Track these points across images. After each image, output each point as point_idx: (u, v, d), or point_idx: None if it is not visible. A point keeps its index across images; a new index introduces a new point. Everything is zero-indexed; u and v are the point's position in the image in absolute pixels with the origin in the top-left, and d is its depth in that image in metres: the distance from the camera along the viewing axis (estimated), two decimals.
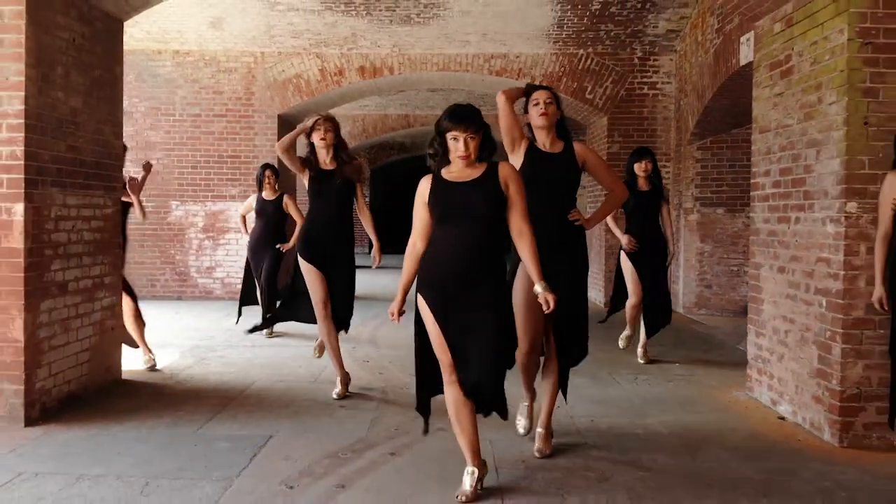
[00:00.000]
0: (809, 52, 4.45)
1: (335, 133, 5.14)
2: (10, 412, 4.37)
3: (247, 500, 3.27)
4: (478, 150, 3.31)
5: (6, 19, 4.38)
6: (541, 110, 3.95)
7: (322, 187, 5.10)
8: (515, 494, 3.39)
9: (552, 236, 3.81)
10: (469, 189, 3.28)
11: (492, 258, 3.33)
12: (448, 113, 3.32)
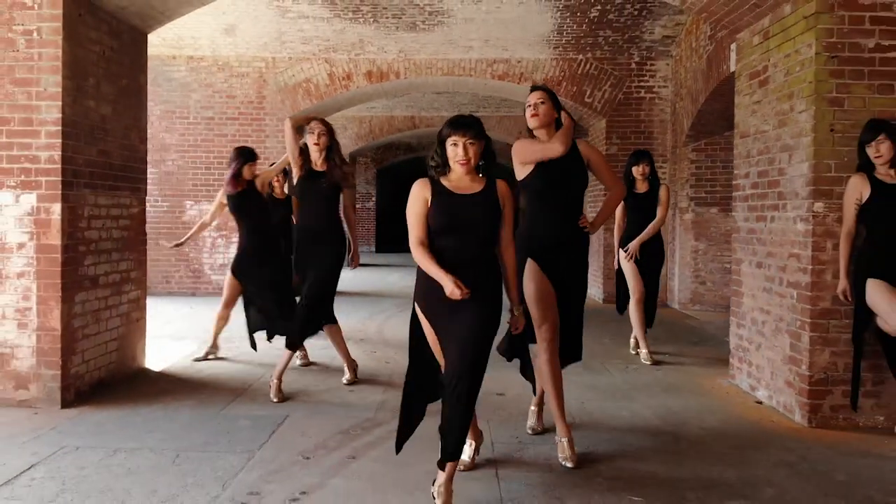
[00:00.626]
0: (783, 63, 4.81)
1: (329, 137, 5.25)
2: (48, 395, 4.77)
3: (268, 468, 3.65)
4: (477, 156, 3.31)
5: (44, 35, 4.78)
6: (531, 111, 3.98)
7: (309, 187, 5.24)
8: (508, 465, 3.77)
9: (560, 238, 3.92)
10: (473, 202, 3.28)
11: (489, 271, 3.33)
12: (449, 121, 3.36)
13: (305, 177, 5.24)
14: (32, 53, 4.79)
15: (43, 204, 4.77)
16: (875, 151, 4.24)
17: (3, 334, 4.81)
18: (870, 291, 4.24)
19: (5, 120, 4.79)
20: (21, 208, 4.79)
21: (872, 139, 4.25)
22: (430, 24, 9.88)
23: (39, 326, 4.78)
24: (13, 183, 4.79)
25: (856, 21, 4.42)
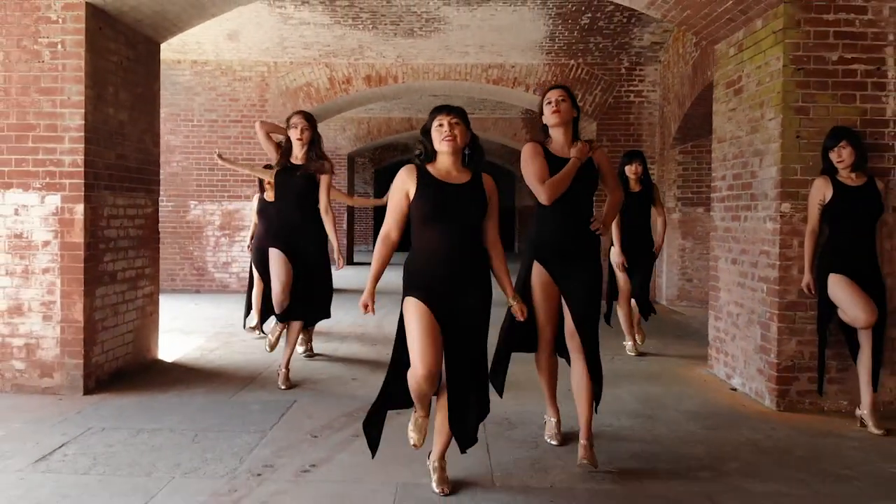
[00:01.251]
0: (755, 74, 5.18)
1: (312, 131, 5.25)
2: (71, 382, 5.12)
3: (280, 445, 4.01)
4: (463, 137, 3.34)
5: (68, 47, 5.14)
6: (553, 108, 3.89)
7: (284, 180, 5.27)
8: (499, 443, 4.13)
9: (570, 244, 3.86)
10: (459, 192, 3.31)
11: (479, 260, 3.38)
12: (432, 109, 3.44)
13: (282, 170, 5.30)
14: (57, 64, 5.14)
15: (66, 204, 5.13)
16: (837, 156, 4.55)
17: (29, 326, 5.16)
18: (832, 286, 4.57)
19: (31, 126, 5.15)
20: (46, 209, 5.14)
21: (835, 145, 4.56)
22: (427, 30, 10.23)
23: (63, 319, 5.13)
24: (39, 185, 5.15)
25: (820, 35, 4.80)
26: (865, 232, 4.58)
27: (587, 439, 3.74)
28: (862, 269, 4.55)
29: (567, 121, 3.91)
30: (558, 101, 3.90)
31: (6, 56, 5.16)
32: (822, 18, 4.80)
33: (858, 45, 4.80)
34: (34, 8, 5.15)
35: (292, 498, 3.33)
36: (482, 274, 3.38)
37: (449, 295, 3.28)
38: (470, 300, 3.32)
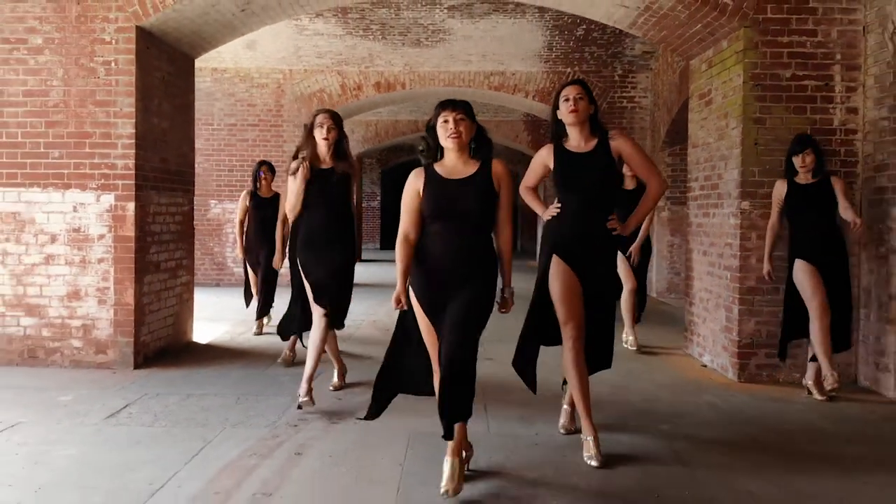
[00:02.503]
0: (721, 88, 5.90)
1: (339, 129, 4.82)
2: (122, 358, 5.87)
3: (315, 405, 4.73)
4: (469, 132, 3.33)
5: (121, 65, 5.88)
6: (570, 106, 3.78)
7: (320, 187, 4.74)
8: (495, 403, 4.85)
9: (585, 236, 3.81)
10: (462, 186, 3.30)
11: (483, 256, 3.35)
12: (437, 104, 3.38)
13: (313, 179, 4.75)
14: (110, 80, 5.89)
15: (119, 202, 5.87)
16: (801, 161, 5.04)
17: (86, 309, 5.91)
18: (797, 270, 5.07)
19: (88, 134, 5.90)
20: (101, 206, 5.89)
21: (801, 151, 5.04)
22: (432, 40, 10.97)
23: (116, 302, 5.88)
24: (94, 185, 5.89)
25: (776, 56, 5.51)
26: (822, 224, 5.04)
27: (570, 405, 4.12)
28: (824, 258, 5.01)
29: (584, 119, 3.81)
30: (576, 98, 3.78)
31: (66, 72, 5.91)
32: (777, 41, 5.52)
33: (809, 63, 5.52)
34: (90, 31, 5.89)
35: (323, 442, 4.06)
36: (486, 269, 3.34)
37: (447, 289, 3.29)
38: (466, 292, 3.28)
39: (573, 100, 3.79)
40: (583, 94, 3.80)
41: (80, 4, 5.89)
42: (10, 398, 4.89)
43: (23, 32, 5.92)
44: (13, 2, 5.92)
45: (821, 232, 5.07)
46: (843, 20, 5.51)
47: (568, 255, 3.82)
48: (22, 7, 5.92)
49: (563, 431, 4.22)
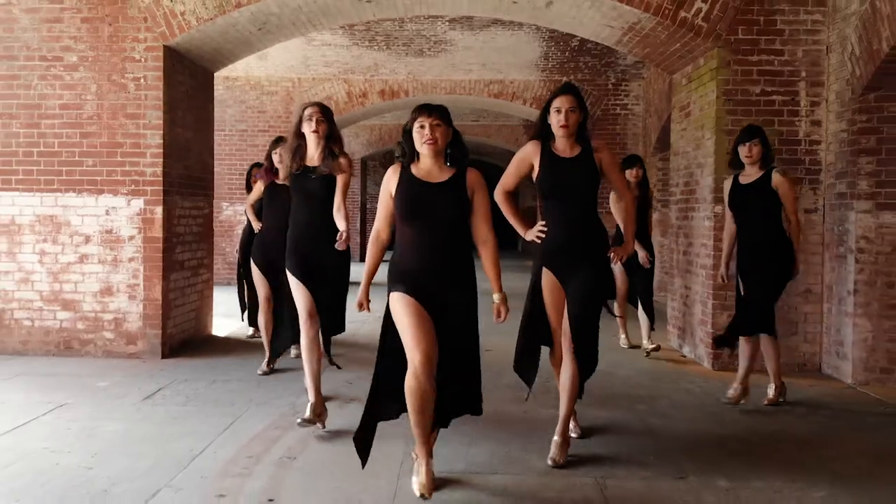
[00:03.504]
0: (698, 101, 6.45)
1: (328, 123, 4.46)
2: (151, 349, 6.43)
3: (326, 388, 5.26)
4: (445, 138, 3.27)
5: (149, 81, 6.44)
6: (561, 121, 3.78)
7: (301, 185, 4.46)
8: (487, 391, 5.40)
9: (569, 242, 3.82)
10: (436, 190, 3.26)
11: (459, 259, 3.34)
12: (414, 108, 3.34)
13: (296, 174, 4.46)
14: (140, 95, 6.45)
15: (148, 206, 6.43)
16: (747, 151, 4.85)
17: (117, 304, 6.47)
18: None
19: (119, 144, 6.45)
20: (131, 210, 6.45)
21: (748, 140, 4.86)
22: (435, 50, 11.52)
23: (145, 298, 6.44)
24: (125, 191, 6.45)
25: (746, 73, 6.05)
26: (758, 225, 4.83)
27: (561, 436, 3.83)
28: (755, 262, 4.86)
29: (574, 132, 3.83)
30: (568, 111, 3.77)
31: (99, 87, 6.47)
32: (747, 59, 6.06)
33: (777, 80, 6.06)
34: (121, 49, 6.45)
35: (339, 417, 4.61)
36: (463, 271, 3.34)
37: (430, 291, 3.27)
38: (452, 297, 3.30)
39: (565, 113, 3.78)
40: (574, 106, 3.80)
41: (111, 26, 6.45)
42: (52, 384, 5.44)
43: (59, 51, 6.48)
44: (50, 22, 6.48)
45: (755, 236, 4.87)
46: (808, 41, 6.06)
47: (556, 264, 3.85)
48: (58, 27, 6.48)
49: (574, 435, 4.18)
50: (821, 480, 3.62)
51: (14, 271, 6.50)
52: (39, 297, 6.50)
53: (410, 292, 3.28)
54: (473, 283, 3.39)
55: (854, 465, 3.89)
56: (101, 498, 3.28)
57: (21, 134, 6.49)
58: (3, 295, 6.50)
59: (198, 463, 3.78)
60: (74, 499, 3.27)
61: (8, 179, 6.50)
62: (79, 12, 6.47)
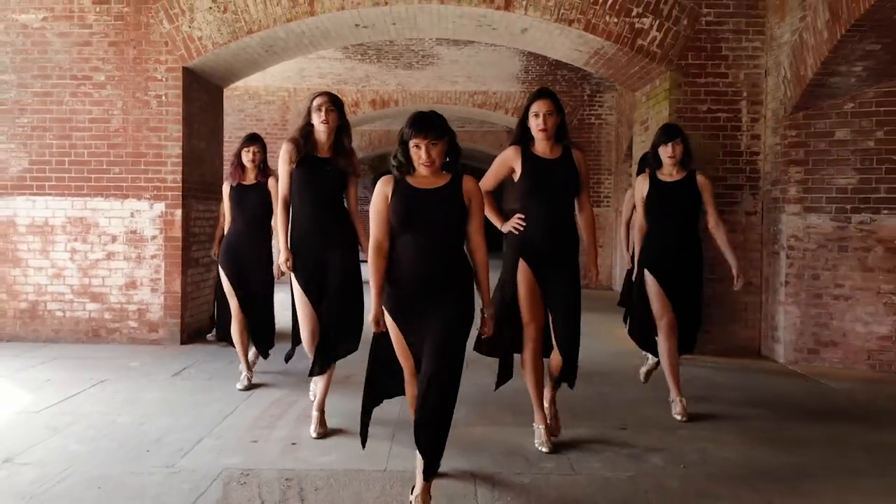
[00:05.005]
0: (655, 118, 7.33)
1: (339, 113, 4.26)
2: (171, 336, 7.23)
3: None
4: (442, 156, 3.17)
5: (170, 98, 7.25)
6: (540, 125, 3.86)
7: (310, 177, 4.18)
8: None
9: (549, 242, 3.91)
10: (432, 197, 3.16)
11: (455, 267, 3.22)
12: (410, 121, 3.17)
13: (304, 163, 4.21)
14: (161, 110, 7.26)
15: (169, 209, 7.24)
16: (670, 151, 4.77)
17: (141, 296, 7.27)
18: (647, 282, 4.86)
19: (143, 154, 7.26)
20: (154, 212, 7.26)
21: (670, 141, 4.78)
22: (423, 64, 12.35)
23: (166, 290, 7.24)
24: (148, 196, 7.26)
25: (695, 93, 6.94)
26: (681, 225, 4.76)
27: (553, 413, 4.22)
28: (676, 265, 4.77)
29: (553, 134, 3.92)
30: (546, 115, 3.85)
31: (125, 104, 7.27)
32: (696, 81, 6.94)
33: (721, 99, 6.95)
34: (144, 70, 7.26)
35: (342, 394, 5.44)
36: (460, 280, 3.24)
37: (422, 303, 3.18)
38: (445, 308, 3.18)
39: (543, 117, 3.86)
40: (552, 110, 3.88)
41: (136, 49, 7.26)
42: (89, 365, 6.23)
43: (88, 71, 7.28)
44: (80, 46, 7.27)
45: (676, 237, 4.79)
46: (749, 65, 6.95)
47: (534, 260, 3.93)
48: (87, 50, 7.27)
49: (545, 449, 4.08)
50: (725, 425, 4.50)
51: (47, 267, 7.29)
52: (70, 291, 7.29)
53: (394, 316, 3.23)
54: (470, 294, 3.27)
55: (747, 413, 4.78)
56: (156, 445, 4.10)
57: (54, 145, 7.28)
58: (37, 289, 7.29)
59: (230, 420, 4.60)
60: (134, 445, 4.09)
61: (42, 185, 7.29)
62: (106, 36, 7.27)
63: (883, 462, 4.02)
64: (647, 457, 4.05)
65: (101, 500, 3.29)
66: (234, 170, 5.76)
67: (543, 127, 3.87)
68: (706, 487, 3.58)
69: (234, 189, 5.80)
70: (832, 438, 4.41)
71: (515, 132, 4.07)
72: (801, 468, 3.88)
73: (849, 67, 5.95)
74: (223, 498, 3.33)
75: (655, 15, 6.91)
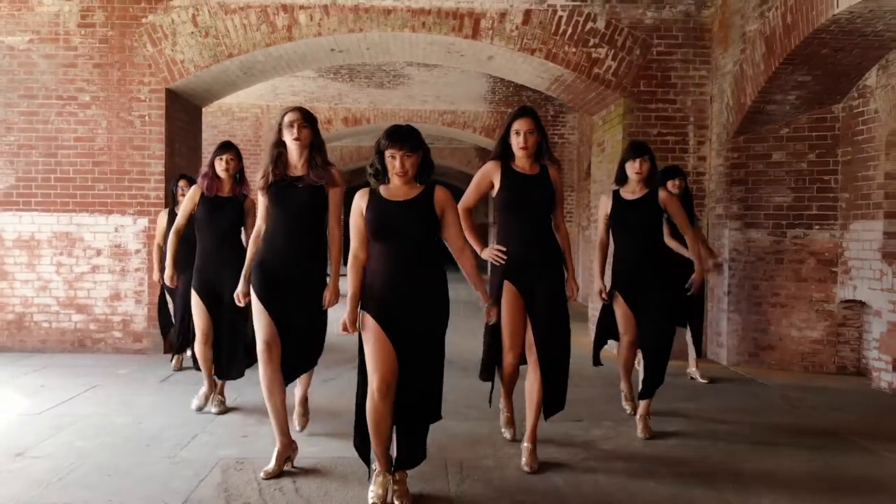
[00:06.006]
0: (610, 140, 7.90)
1: (312, 130, 4.08)
2: (155, 346, 7.57)
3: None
4: (415, 167, 3.34)
5: (153, 118, 7.64)
6: (521, 143, 3.98)
7: (281, 196, 3.97)
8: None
9: (530, 256, 4.01)
10: (403, 209, 3.33)
11: (429, 274, 3.40)
12: (386, 133, 3.33)
13: (275, 183, 4.00)
14: (145, 130, 7.64)
15: (151, 224, 7.59)
16: (637, 167, 4.75)
17: (125, 307, 7.61)
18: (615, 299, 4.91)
19: (127, 171, 7.62)
20: (137, 227, 7.62)
21: (637, 157, 4.77)
22: (394, 83, 12.84)
23: (149, 302, 7.59)
24: (132, 211, 7.62)
25: (646, 119, 7.53)
26: (642, 242, 4.76)
27: (531, 443, 4.03)
28: (640, 281, 4.74)
29: (533, 152, 4.04)
30: (527, 134, 3.98)
31: (109, 123, 7.64)
32: (647, 107, 7.53)
33: (670, 124, 7.54)
34: (128, 91, 7.64)
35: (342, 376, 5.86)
36: (435, 287, 3.41)
37: (399, 308, 3.34)
38: (422, 313, 3.37)
39: (524, 135, 3.98)
40: (533, 128, 4.00)
41: (120, 71, 7.63)
42: (79, 372, 6.54)
43: (74, 91, 7.64)
44: (66, 67, 7.63)
45: (639, 253, 4.79)
46: (696, 92, 7.56)
47: (518, 278, 4.03)
48: (73, 72, 7.63)
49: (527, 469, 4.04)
50: (668, 418, 5.03)
51: (34, 280, 7.60)
52: (56, 303, 7.60)
53: (376, 315, 3.36)
54: (445, 299, 3.44)
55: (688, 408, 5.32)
56: (155, 440, 4.49)
57: (40, 162, 7.61)
58: (24, 301, 7.60)
59: (221, 419, 5.00)
60: (135, 441, 4.48)
61: (28, 201, 7.60)
62: (91, 59, 7.63)
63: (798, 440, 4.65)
64: (598, 444, 4.58)
65: (114, 485, 3.68)
66: (208, 181, 5.21)
67: (524, 145, 3.99)
68: (650, 467, 4.09)
69: (205, 200, 5.21)
70: (760, 424, 4.99)
71: (496, 148, 4.17)
72: (732, 450, 4.42)
73: (783, 96, 6.57)
74: (223, 481, 3.74)
75: (610, 45, 7.49)
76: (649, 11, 7.51)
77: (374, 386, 3.33)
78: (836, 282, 6.76)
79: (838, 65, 6.05)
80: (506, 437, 4.54)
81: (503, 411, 4.63)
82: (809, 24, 5.54)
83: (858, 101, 6.49)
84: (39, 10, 7.58)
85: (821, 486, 3.90)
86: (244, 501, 3.51)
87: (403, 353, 3.35)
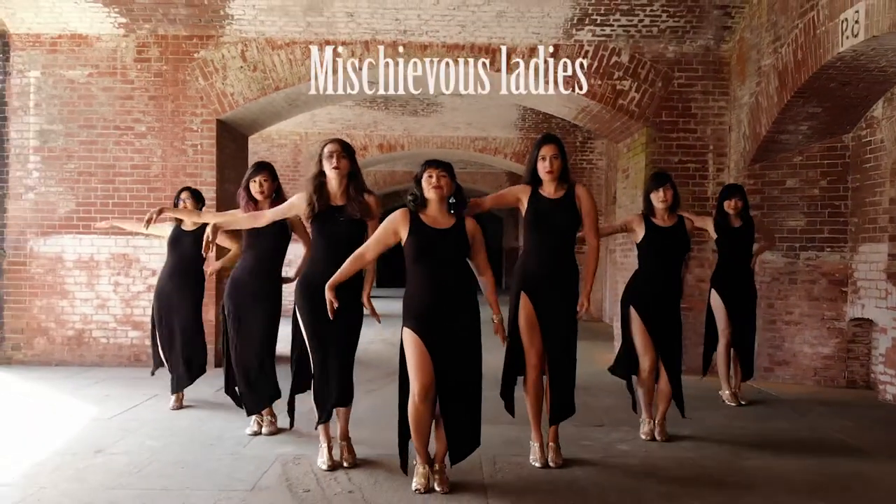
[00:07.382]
0: (634, 167, 8.31)
1: (350, 160, 4.33)
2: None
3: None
4: (449, 188, 3.88)
5: (204, 147, 8.22)
6: (547, 168, 4.32)
7: (324, 228, 4.27)
8: None
9: (550, 276, 4.34)
10: (441, 236, 3.86)
11: (464, 292, 3.91)
12: (424, 162, 3.95)
13: (320, 215, 4.25)
14: (197, 158, 8.22)
15: None
16: (662, 197, 5.01)
17: None
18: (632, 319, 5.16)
19: None
20: None
21: (660, 187, 5.04)
22: (427, 111, 13.36)
23: (203, 319, 8.12)
24: None
25: (667, 147, 7.94)
26: (671, 267, 5.09)
27: (554, 441, 4.50)
28: (661, 304, 5.06)
29: (558, 176, 4.36)
30: (552, 158, 4.33)
31: (163, 152, 8.24)
32: (669, 136, 7.94)
33: (691, 152, 7.94)
34: (181, 122, 8.24)
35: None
36: (469, 301, 3.92)
37: (439, 322, 3.82)
38: (459, 325, 3.87)
39: (549, 160, 4.33)
40: (557, 154, 4.35)
41: (174, 103, 8.24)
42: (138, 384, 7.04)
43: (130, 122, 8.25)
44: (122, 99, 8.25)
45: (666, 278, 5.09)
46: (715, 122, 7.96)
47: (534, 291, 4.35)
48: (129, 103, 8.25)
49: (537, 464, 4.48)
50: (684, 423, 5.40)
51: (93, 298, 8.19)
52: (114, 320, 8.17)
53: (417, 329, 3.81)
54: (477, 311, 3.94)
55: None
56: (217, 440, 4.98)
57: (99, 189, 8.22)
58: (83, 318, 8.18)
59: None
60: (200, 440, 4.97)
61: (88, 225, 8.19)
62: (146, 91, 8.26)
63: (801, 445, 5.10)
64: (616, 445, 5.04)
65: (187, 475, 4.18)
66: (245, 204, 5.30)
67: (550, 169, 4.32)
68: (661, 463, 4.48)
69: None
70: (770, 432, 5.34)
71: (526, 174, 4.52)
72: (737, 452, 4.79)
73: (796, 126, 6.96)
74: (283, 473, 4.23)
75: (634, 78, 7.94)
76: (671, 46, 7.95)
77: (415, 391, 3.79)
78: (846, 301, 7.09)
79: (846, 97, 6.43)
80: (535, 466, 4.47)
81: (533, 441, 4.57)
82: (818, 60, 5.94)
83: (866, 131, 6.86)
84: (98, 46, 8.21)
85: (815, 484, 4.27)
86: (304, 488, 3.99)
87: (443, 362, 3.79)
